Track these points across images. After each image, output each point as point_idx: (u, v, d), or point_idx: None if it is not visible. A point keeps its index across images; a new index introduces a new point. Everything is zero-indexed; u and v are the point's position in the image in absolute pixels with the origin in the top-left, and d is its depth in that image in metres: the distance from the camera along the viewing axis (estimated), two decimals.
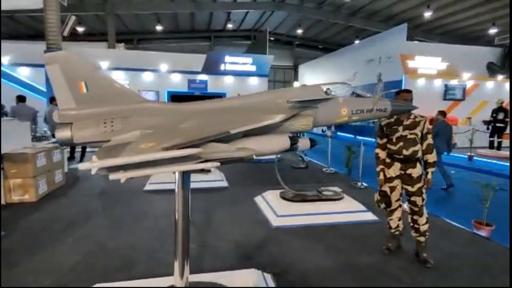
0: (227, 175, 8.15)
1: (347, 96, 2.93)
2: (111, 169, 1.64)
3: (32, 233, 4.60)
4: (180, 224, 2.56)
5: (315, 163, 10.81)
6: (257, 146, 2.30)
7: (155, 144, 1.84)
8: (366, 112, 2.90)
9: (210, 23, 31.41)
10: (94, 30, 28.80)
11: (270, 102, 2.74)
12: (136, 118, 2.43)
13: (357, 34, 29.40)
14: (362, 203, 5.79)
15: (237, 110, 2.66)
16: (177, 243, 2.59)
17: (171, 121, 2.46)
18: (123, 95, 2.55)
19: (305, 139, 2.76)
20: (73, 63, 2.39)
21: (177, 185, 2.49)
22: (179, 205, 2.53)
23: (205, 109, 2.66)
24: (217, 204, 6.00)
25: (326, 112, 2.80)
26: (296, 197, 5.59)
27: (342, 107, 2.83)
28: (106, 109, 2.42)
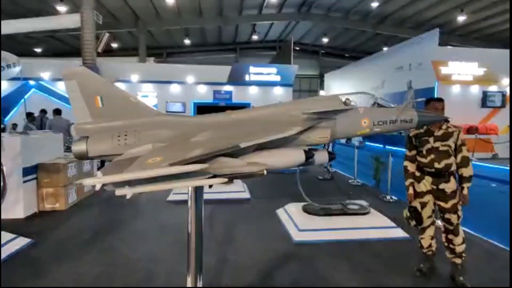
0: (250, 186, 8.07)
1: (368, 107, 2.75)
2: (117, 184, 1.61)
3: (60, 242, 4.75)
4: (193, 238, 2.49)
5: (341, 175, 10.45)
6: (270, 160, 2.19)
7: (162, 159, 1.80)
8: (390, 123, 2.70)
9: (236, 35, 32.07)
10: (127, 46, 30.35)
11: (284, 114, 2.63)
12: (149, 132, 2.42)
13: (386, 41, 28.66)
14: (391, 219, 5.45)
15: (250, 122, 2.57)
16: (190, 257, 2.52)
17: (184, 135, 2.43)
18: (137, 108, 2.56)
19: (323, 151, 2.60)
20: (89, 78, 2.45)
21: (190, 199, 2.42)
22: (191, 219, 2.46)
23: (218, 122, 2.60)
24: (239, 216, 5.90)
25: (345, 123, 2.64)
26: (319, 211, 5.36)
27: (362, 118, 2.65)
28: (120, 123, 2.44)
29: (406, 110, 2.74)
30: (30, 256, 4.23)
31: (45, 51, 30.11)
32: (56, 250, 4.43)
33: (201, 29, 29.09)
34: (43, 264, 4.00)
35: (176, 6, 22.80)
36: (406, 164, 3.86)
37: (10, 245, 4.34)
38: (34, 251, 4.37)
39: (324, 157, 2.60)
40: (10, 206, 5.64)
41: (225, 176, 1.86)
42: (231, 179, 1.91)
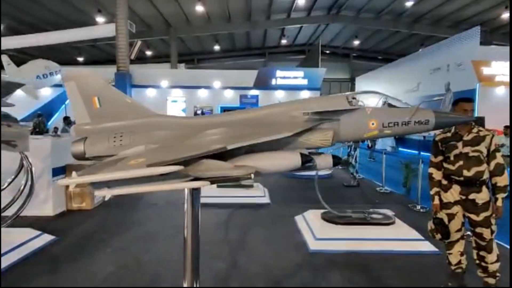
0: (271, 191, 7.92)
1: (377, 107, 2.51)
2: (96, 185, 1.57)
3: (80, 240, 4.91)
4: (189, 243, 2.39)
5: (369, 182, 9.96)
6: (260, 163, 2.05)
7: (144, 160, 1.74)
8: (402, 125, 2.44)
9: (265, 40, 32.16)
10: (160, 53, 31.58)
11: (283, 114, 2.48)
12: (144, 133, 2.39)
13: (422, 41, 27.26)
14: (420, 230, 5.03)
15: (245, 123, 2.45)
16: (186, 262, 2.42)
17: (178, 136, 2.37)
18: (134, 109, 2.55)
19: (326, 156, 2.41)
20: (87, 79, 2.48)
21: (186, 202, 2.34)
22: (188, 223, 2.37)
23: (213, 123, 2.51)
24: (255, 222, 5.77)
25: (350, 125, 2.43)
26: (339, 219, 5.08)
27: (370, 119, 2.42)
28: (116, 124, 2.44)
29: (421, 110, 2.47)
30: (51, 252, 4.40)
31: (86, 59, 32.20)
32: (75, 248, 4.57)
33: (230, 35, 29.53)
34: (61, 261, 4.14)
35: (206, 12, 23.35)
36: (431, 171, 3.51)
37: (35, 241, 4.55)
38: (55, 248, 4.55)
39: (327, 162, 2.40)
40: (40, 204, 5.97)
41: (208, 179, 1.76)
42: (214, 183, 1.81)
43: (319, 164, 2.33)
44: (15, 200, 4.85)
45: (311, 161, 2.25)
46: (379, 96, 2.59)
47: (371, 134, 2.45)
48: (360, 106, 2.47)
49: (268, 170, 2.12)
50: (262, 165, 2.06)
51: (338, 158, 2.46)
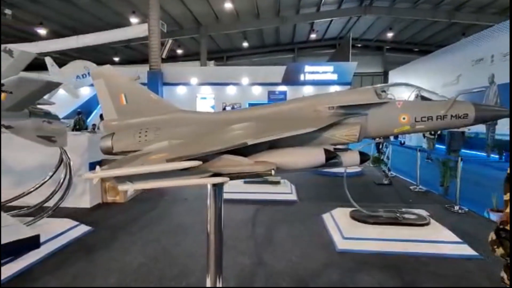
0: (298, 188, 7.81)
1: (408, 100, 2.34)
2: (119, 180, 1.60)
3: (114, 231, 5.13)
4: (212, 238, 2.39)
5: (402, 180, 9.49)
6: (282, 160, 1.98)
7: (165, 156, 1.75)
8: (437, 119, 2.24)
9: (294, 35, 31.73)
10: (190, 51, 32.26)
11: (307, 108, 2.38)
12: (168, 129, 2.42)
13: (463, 31, 25.45)
14: (458, 232, 4.72)
15: (268, 118, 2.38)
16: (209, 257, 2.43)
17: (201, 131, 2.36)
18: (159, 105, 2.58)
19: (353, 152, 2.28)
20: (115, 77, 2.55)
21: (209, 197, 2.34)
22: (211, 218, 2.37)
23: (236, 118, 2.47)
24: (282, 219, 5.71)
25: (379, 119, 2.28)
26: (369, 218, 4.88)
27: (401, 113, 2.26)
28: (142, 120, 2.49)
29: (458, 103, 2.26)
30: (87, 242, 4.64)
31: (122, 60, 33.74)
32: (109, 239, 4.79)
33: (259, 31, 29.46)
34: (95, 250, 4.36)
35: (234, 9, 23.46)
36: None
37: (73, 231, 4.83)
38: (91, 238, 4.80)
39: (354, 159, 2.28)
40: (78, 197, 6.34)
41: (228, 175, 1.73)
42: (234, 178, 1.78)
43: (345, 161, 2.23)
44: (55, 192, 5.19)
45: (335, 157, 2.15)
46: (411, 89, 2.41)
47: (402, 129, 2.29)
48: (390, 100, 2.32)
49: (290, 167, 2.05)
50: (283, 161, 2.00)
51: (365, 155, 2.34)
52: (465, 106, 2.28)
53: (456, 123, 2.30)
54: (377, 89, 2.36)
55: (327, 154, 2.09)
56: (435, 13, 23.84)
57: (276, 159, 1.98)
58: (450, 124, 2.30)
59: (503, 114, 2.58)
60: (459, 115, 2.25)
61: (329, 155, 2.10)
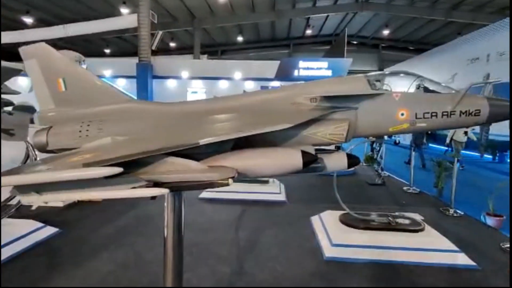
0: (288, 187, 7.49)
1: (408, 92, 1.96)
2: (22, 189, 1.22)
3: (84, 234, 4.70)
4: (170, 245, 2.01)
5: (395, 180, 9.21)
6: (245, 164, 1.62)
7: (86, 158, 1.37)
8: (442, 116, 1.87)
9: (290, 30, 31.27)
10: (184, 45, 31.61)
11: (284, 100, 1.99)
12: (114, 122, 2.02)
13: (460, 30, 25.23)
14: (453, 238, 4.43)
15: (235, 112, 1.99)
16: (166, 267, 2.05)
17: (153, 126, 1.97)
18: (106, 93, 2.18)
19: (339, 155, 1.92)
20: (51, 57, 2.14)
21: (166, 200, 1.96)
22: (168, 221, 1.99)
23: (197, 111, 2.08)
24: (268, 221, 5.36)
25: (372, 115, 1.90)
26: (359, 223, 4.55)
27: (398, 107, 1.88)
28: (84, 111, 2.09)
29: (469, 97, 1.90)
30: (52, 246, 4.24)
31: (114, 51, 32.89)
32: (78, 242, 4.40)
33: (254, 25, 28.92)
34: (60, 256, 3.97)
35: (229, 2, 22.92)
36: None
37: (36, 234, 4.42)
38: (57, 241, 4.40)
39: (341, 163, 1.91)
40: None
41: (170, 184, 1.36)
42: (177, 189, 1.41)
43: (329, 165, 1.86)
44: None
45: (315, 161, 1.77)
46: (412, 78, 2.02)
47: (400, 127, 1.91)
48: (386, 91, 1.94)
49: (256, 172, 1.69)
50: (247, 166, 1.63)
51: (354, 158, 1.97)
52: (477, 101, 1.90)
53: (466, 121, 1.93)
54: (370, 78, 1.98)
55: (305, 157, 1.72)
56: (432, 11, 23.57)
57: (238, 163, 1.61)
58: (458, 123, 1.93)
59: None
60: (470, 112, 1.88)
61: (308, 159, 1.72)
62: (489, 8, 22.08)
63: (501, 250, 4.40)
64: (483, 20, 21.40)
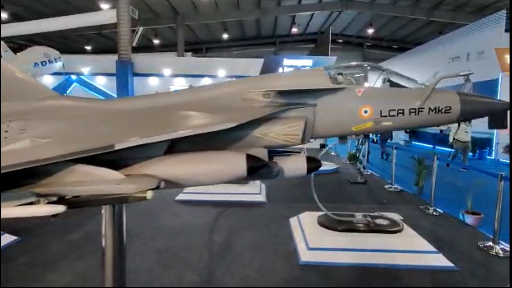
0: (269, 187, 7.32)
1: (372, 86, 1.80)
2: None
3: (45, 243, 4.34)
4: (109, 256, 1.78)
5: (377, 179, 9.20)
6: (174, 171, 1.41)
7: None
8: (410, 113, 1.71)
9: (275, 28, 31.09)
10: (168, 42, 30.95)
11: (234, 96, 1.79)
12: (36, 121, 1.76)
13: (441, 29, 25.65)
14: (432, 238, 4.36)
15: (174, 109, 1.78)
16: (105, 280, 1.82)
17: (77, 126, 1.72)
18: (28, 88, 1.91)
19: (297, 158, 1.74)
20: None
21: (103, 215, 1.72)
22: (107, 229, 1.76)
23: (126, 109, 1.83)
24: (245, 224, 5.17)
25: (332, 113, 1.72)
26: (337, 224, 4.42)
27: (362, 104, 1.70)
28: (5, 108, 1.82)
29: (439, 92, 1.74)
30: (7, 256, 3.92)
31: (95, 48, 31.89)
32: (38, 251, 4.08)
33: (240, 23, 28.61)
34: (15, 267, 3.66)
35: None
36: None
37: None
38: (14, 251, 4.07)
39: (299, 167, 1.72)
40: None
41: (69, 201, 1.14)
42: (78, 206, 1.19)
43: (285, 170, 1.67)
44: None
45: (263, 166, 1.55)
46: (377, 71, 1.85)
47: (363, 127, 1.73)
48: (349, 85, 1.76)
49: (191, 181, 1.47)
50: (180, 174, 1.41)
51: (315, 162, 1.78)
52: (447, 96, 1.74)
53: (436, 119, 1.75)
54: (330, 71, 1.80)
55: (251, 162, 1.50)
56: (414, 10, 23.87)
57: (169, 170, 1.39)
58: (427, 121, 1.76)
59: (499, 107, 2.00)
60: (440, 108, 1.71)
61: (254, 164, 1.50)
62: (468, 8, 22.53)
63: (479, 249, 4.35)
64: (463, 20, 21.82)
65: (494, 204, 4.48)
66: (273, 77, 1.86)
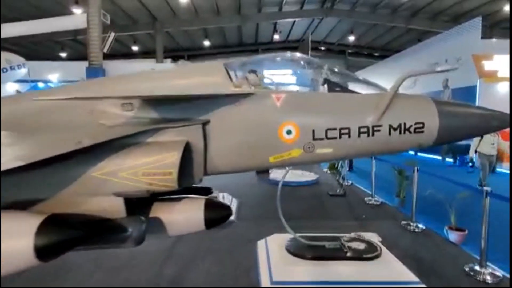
0: (243, 203, 6.76)
1: (302, 91, 1.23)
2: None
3: None
4: None
5: (358, 190, 8.76)
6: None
7: None
8: (361, 134, 1.10)
9: (257, 35, 30.86)
10: (148, 49, 30.11)
11: (76, 108, 1.17)
12: None
13: (419, 37, 26.03)
14: (413, 261, 3.88)
15: None
16: None
17: None
18: None
19: (189, 204, 1.15)
20: None
21: None
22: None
23: None
24: (206, 249, 4.54)
25: (234, 134, 1.10)
26: (306, 251, 3.85)
27: (283, 119, 1.08)
28: None
29: (404, 99, 1.18)
30: None
31: (70, 55, 30.65)
32: None
33: (221, 30, 28.20)
34: None
35: (192, 5, 22.07)
36: None
37: None
38: None
39: (191, 218, 1.15)
40: None
41: None
42: None
43: (169, 225, 1.09)
44: None
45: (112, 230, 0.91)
46: (312, 65, 1.27)
47: (286, 156, 1.11)
48: (261, 91, 1.16)
49: None
50: None
51: (224, 209, 1.20)
52: (417, 107, 1.11)
53: (401, 143, 1.12)
54: (235, 67, 1.20)
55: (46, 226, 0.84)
56: (393, 18, 24.14)
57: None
58: (387, 145, 1.13)
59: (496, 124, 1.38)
60: (406, 127, 1.09)
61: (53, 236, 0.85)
62: (445, 17, 22.95)
63: (465, 274, 3.88)
64: (440, 28, 22.11)
65: (478, 218, 4.05)
66: (144, 77, 1.23)
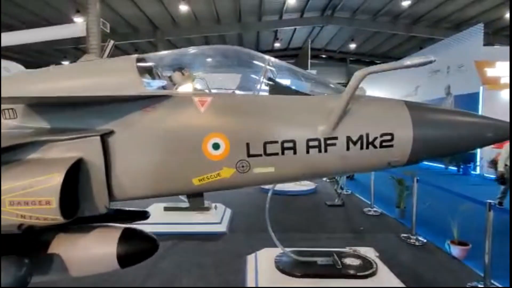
0: (236, 213, 6.53)
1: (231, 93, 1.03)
2: None
3: None
4: None
5: (357, 200, 8.48)
6: None
7: None
8: (310, 150, 0.87)
9: (258, 43, 30.93)
10: None
11: None
12: None
13: (421, 44, 25.94)
14: (412, 279, 3.62)
15: None
16: None
17: None
18: None
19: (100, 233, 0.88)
20: None
21: None
22: None
23: None
24: (192, 266, 4.27)
25: (143, 149, 0.88)
26: (296, 268, 3.59)
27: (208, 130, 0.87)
28: None
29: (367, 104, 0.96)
30: None
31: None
32: None
33: (222, 38, 28.29)
34: None
35: (192, 13, 22.18)
36: None
37: None
38: None
39: (100, 254, 0.93)
40: None
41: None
42: None
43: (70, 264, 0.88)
44: None
45: None
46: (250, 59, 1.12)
47: (214, 178, 0.90)
48: (179, 92, 0.97)
49: None
50: None
51: (148, 241, 0.98)
52: (386, 113, 0.90)
53: (364, 161, 0.90)
54: (149, 62, 0.99)
55: None
56: (394, 26, 24.05)
57: None
58: (346, 166, 0.94)
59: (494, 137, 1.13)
60: (370, 140, 0.85)
61: None
62: (446, 24, 22.82)
63: None
64: (441, 35, 21.97)
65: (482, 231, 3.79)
66: (33, 76, 1.04)
